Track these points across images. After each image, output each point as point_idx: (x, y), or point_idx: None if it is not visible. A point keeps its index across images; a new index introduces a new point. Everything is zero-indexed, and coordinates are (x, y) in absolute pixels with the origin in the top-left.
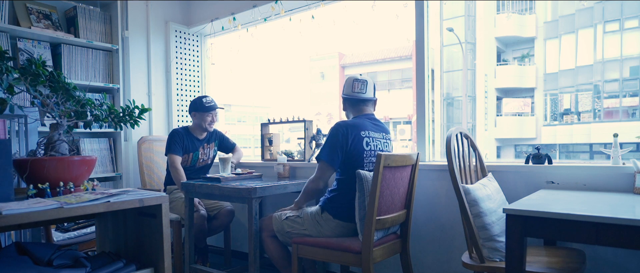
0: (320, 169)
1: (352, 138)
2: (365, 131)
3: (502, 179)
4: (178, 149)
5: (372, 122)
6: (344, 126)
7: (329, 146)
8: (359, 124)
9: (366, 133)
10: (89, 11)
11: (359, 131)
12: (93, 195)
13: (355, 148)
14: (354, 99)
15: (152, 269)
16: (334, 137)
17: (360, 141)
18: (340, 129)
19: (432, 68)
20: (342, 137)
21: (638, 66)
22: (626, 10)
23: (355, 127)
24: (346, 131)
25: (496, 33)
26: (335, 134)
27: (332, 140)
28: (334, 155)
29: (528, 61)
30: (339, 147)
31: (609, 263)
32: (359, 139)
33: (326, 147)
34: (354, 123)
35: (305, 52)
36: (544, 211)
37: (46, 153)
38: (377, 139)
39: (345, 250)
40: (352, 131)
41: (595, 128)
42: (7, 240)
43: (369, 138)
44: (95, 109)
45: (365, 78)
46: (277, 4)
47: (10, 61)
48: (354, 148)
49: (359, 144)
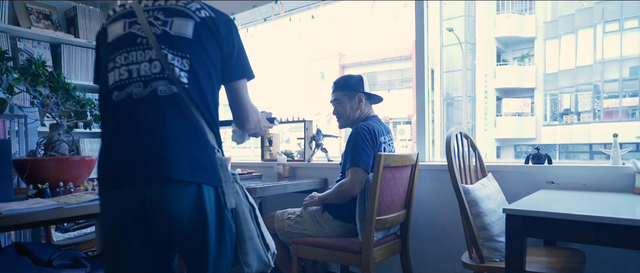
0: (357, 174)
1: (377, 143)
2: (382, 136)
3: (502, 179)
4: None
5: (379, 124)
6: (370, 130)
7: (363, 151)
8: (375, 128)
9: (382, 138)
10: (89, 11)
11: (378, 136)
12: (93, 195)
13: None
14: (373, 96)
15: None
16: (364, 140)
17: (380, 146)
18: (367, 133)
19: (432, 68)
20: (371, 139)
21: (638, 66)
22: (626, 10)
23: (376, 131)
24: (372, 133)
25: (496, 33)
26: (363, 137)
27: (363, 144)
28: (369, 159)
29: (528, 61)
30: (371, 149)
31: (609, 263)
32: (380, 145)
33: (359, 152)
34: (374, 127)
35: (305, 53)
36: (544, 211)
37: (46, 153)
38: (388, 143)
39: (345, 250)
40: (375, 135)
41: (595, 128)
42: (7, 240)
43: (385, 143)
44: (95, 109)
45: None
46: (277, 4)
47: (10, 61)
48: (376, 152)
49: (380, 150)
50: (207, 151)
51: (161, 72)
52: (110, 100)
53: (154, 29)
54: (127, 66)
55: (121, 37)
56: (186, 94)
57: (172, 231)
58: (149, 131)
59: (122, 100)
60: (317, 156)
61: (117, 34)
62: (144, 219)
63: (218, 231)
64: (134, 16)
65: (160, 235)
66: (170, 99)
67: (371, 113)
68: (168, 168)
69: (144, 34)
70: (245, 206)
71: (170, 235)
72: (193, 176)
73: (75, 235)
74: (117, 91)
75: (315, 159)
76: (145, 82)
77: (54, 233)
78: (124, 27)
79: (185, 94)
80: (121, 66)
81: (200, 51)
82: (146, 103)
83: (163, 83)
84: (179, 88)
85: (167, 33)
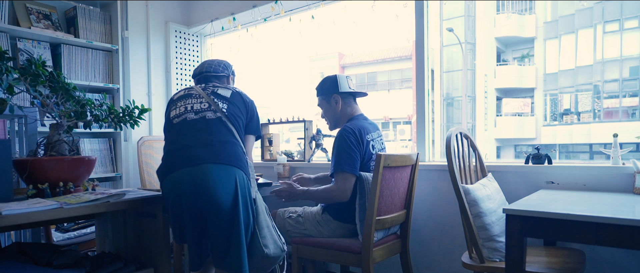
0: (344, 180)
1: (364, 142)
2: (369, 135)
3: (502, 179)
4: None
5: (366, 122)
6: (353, 131)
7: (346, 154)
8: (361, 127)
9: (370, 136)
10: (89, 11)
11: (364, 135)
12: (93, 195)
13: (365, 153)
14: (353, 94)
15: (152, 269)
16: (347, 143)
17: (368, 145)
18: (351, 134)
19: (432, 68)
20: (355, 141)
21: (638, 66)
22: (626, 11)
23: (361, 131)
24: (357, 134)
25: (496, 33)
26: (347, 139)
27: (347, 147)
28: (354, 162)
29: (528, 61)
30: (356, 151)
31: (609, 263)
32: (367, 144)
33: (343, 156)
34: (359, 127)
35: (305, 53)
36: (544, 211)
37: (46, 153)
38: (376, 140)
39: (345, 250)
40: (361, 135)
41: (595, 128)
42: (7, 240)
43: (373, 140)
44: (95, 110)
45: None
46: (277, 4)
47: (10, 61)
48: (365, 152)
49: (367, 149)
50: (240, 152)
51: (208, 107)
52: (171, 123)
53: (206, 91)
54: (184, 106)
55: (181, 97)
56: (226, 117)
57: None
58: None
59: (180, 121)
60: (317, 156)
61: (179, 95)
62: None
63: (244, 206)
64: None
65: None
66: (216, 119)
67: (356, 112)
68: (214, 154)
69: (197, 92)
70: (261, 202)
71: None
72: (231, 162)
73: (75, 235)
74: (176, 118)
75: (315, 159)
76: (196, 112)
77: (54, 233)
78: (183, 92)
79: (225, 117)
80: (179, 107)
81: (234, 103)
82: (198, 122)
83: (210, 112)
84: (221, 113)
85: (214, 91)
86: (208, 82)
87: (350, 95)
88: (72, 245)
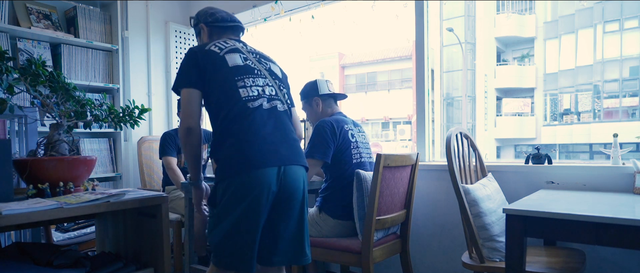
0: (312, 166)
1: (339, 131)
2: (348, 125)
3: (502, 179)
4: (172, 151)
5: (342, 117)
6: (330, 122)
7: (320, 143)
8: (337, 120)
9: (348, 126)
10: (88, 11)
11: (342, 125)
12: (93, 195)
13: (343, 140)
14: (334, 95)
15: (152, 269)
16: (322, 133)
17: (346, 134)
18: (327, 125)
19: (432, 68)
20: (330, 132)
21: (638, 66)
22: (626, 10)
23: (339, 121)
24: (333, 125)
25: (496, 33)
26: (323, 130)
27: (322, 136)
28: (327, 150)
29: (528, 61)
30: (330, 141)
31: (609, 263)
32: (345, 133)
33: (317, 144)
34: (336, 119)
35: (305, 52)
36: (544, 211)
37: (46, 153)
38: (355, 131)
39: (345, 250)
40: (337, 125)
41: (595, 128)
42: (7, 240)
43: (351, 130)
44: (95, 109)
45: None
46: (277, 4)
47: (10, 61)
48: (343, 140)
49: (346, 137)
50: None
51: (276, 95)
52: (246, 106)
53: (263, 66)
54: (255, 87)
55: (242, 67)
56: (289, 111)
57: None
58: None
59: (257, 107)
60: None
61: (236, 62)
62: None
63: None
64: (241, 52)
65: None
66: (284, 112)
67: (335, 111)
68: (298, 155)
69: (257, 68)
70: None
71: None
72: (304, 163)
73: (75, 235)
74: (251, 102)
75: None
76: (269, 100)
77: (54, 233)
78: (241, 60)
79: (289, 111)
80: (251, 86)
81: (288, 86)
82: (272, 112)
83: (279, 103)
84: (286, 107)
85: (270, 68)
86: (239, 34)
87: (331, 97)
88: (72, 245)
